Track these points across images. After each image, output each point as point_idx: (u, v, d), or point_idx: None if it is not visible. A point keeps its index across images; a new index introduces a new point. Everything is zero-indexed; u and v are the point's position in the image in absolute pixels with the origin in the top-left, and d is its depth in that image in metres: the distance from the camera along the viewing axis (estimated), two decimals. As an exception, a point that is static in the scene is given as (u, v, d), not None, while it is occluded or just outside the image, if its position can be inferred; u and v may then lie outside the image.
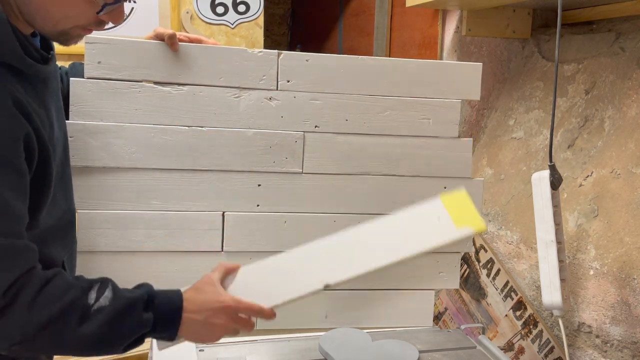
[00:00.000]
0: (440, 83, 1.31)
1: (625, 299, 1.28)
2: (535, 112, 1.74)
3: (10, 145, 0.79)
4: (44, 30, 0.89)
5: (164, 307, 0.88)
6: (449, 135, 1.33)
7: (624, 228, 1.32)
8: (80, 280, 0.87)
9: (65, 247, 1.00)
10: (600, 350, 1.34)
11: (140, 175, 1.21)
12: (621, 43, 1.54)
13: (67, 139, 1.03)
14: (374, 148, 1.30)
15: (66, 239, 1.01)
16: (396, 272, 1.35)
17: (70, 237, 1.04)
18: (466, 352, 1.29)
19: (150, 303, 0.88)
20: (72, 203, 1.04)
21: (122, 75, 1.17)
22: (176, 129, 1.21)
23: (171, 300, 0.90)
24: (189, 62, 1.19)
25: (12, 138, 0.80)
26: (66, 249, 1.01)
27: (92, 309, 0.83)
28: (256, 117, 1.24)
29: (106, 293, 0.85)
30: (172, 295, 0.90)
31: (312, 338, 1.29)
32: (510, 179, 1.73)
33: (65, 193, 0.99)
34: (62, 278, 0.84)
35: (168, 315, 0.89)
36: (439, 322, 1.91)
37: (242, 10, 2.36)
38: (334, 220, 1.30)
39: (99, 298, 0.84)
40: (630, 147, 1.40)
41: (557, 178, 1.22)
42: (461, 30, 1.86)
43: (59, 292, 0.82)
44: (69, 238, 1.03)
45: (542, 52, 1.81)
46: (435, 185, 1.33)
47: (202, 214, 1.24)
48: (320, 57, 1.25)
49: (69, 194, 1.02)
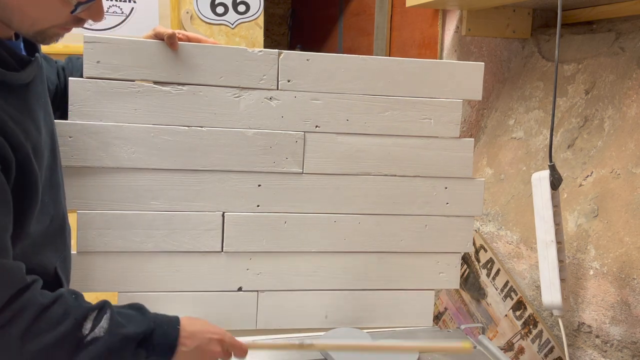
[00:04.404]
0: (442, 83, 1.30)
1: (625, 299, 1.28)
2: (535, 112, 1.74)
3: None
4: (21, 31, 0.88)
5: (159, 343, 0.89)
6: (450, 136, 1.33)
7: (624, 228, 1.32)
8: (79, 305, 0.86)
9: (57, 253, 0.98)
10: (600, 350, 1.34)
11: (139, 175, 1.20)
12: (621, 43, 1.54)
13: (56, 142, 1.00)
14: (374, 148, 1.29)
15: (57, 245, 0.99)
16: (396, 272, 1.35)
17: (61, 242, 1.00)
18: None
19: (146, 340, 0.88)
20: (63, 207, 1.01)
21: (122, 75, 1.17)
22: (176, 129, 1.21)
23: (167, 335, 0.90)
24: (189, 61, 1.19)
25: None
26: (58, 255, 0.99)
27: (85, 340, 0.83)
28: (256, 117, 1.24)
29: (102, 323, 0.85)
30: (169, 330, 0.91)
31: (312, 338, 1.29)
32: (510, 179, 1.73)
33: (54, 198, 0.96)
34: (60, 304, 0.83)
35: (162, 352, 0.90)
36: (439, 322, 1.91)
37: (242, 10, 2.36)
38: (334, 221, 1.30)
39: (94, 328, 0.84)
40: (630, 147, 1.40)
41: (557, 178, 1.22)
42: (461, 30, 1.86)
43: (54, 321, 0.81)
44: (61, 243, 1.00)
45: (542, 52, 1.81)
46: (436, 185, 1.33)
47: (202, 214, 1.24)
48: (320, 57, 1.25)
49: (58, 199, 0.99)
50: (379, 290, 1.36)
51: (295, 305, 1.32)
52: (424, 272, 1.37)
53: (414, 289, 1.37)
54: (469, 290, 1.78)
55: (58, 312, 0.82)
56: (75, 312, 0.84)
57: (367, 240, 1.32)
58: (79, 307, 0.86)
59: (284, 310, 1.32)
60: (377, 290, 1.36)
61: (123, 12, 2.19)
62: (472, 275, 1.77)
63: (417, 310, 1.39)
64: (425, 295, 1.39)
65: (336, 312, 1.34)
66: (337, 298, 1.34)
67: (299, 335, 1.31)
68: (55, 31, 0.89)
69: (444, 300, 1.90)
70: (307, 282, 1.30)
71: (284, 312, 1.32)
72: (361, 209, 1.31)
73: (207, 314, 1.28)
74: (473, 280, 1.76)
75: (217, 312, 1.29)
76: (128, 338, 0.86)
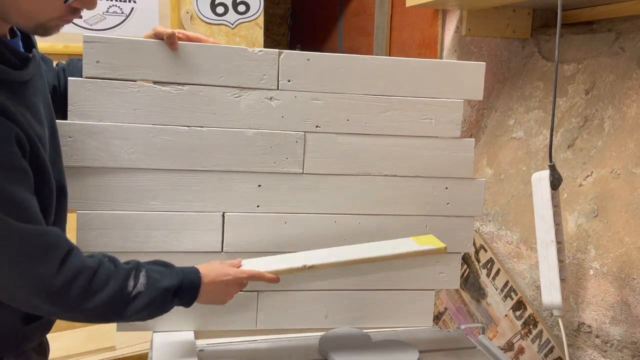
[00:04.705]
0: (443, 83, 1.30)
1: (625, 299, 1.28)
2: (535, 112, 1.74)
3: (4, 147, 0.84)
4: (20, 25, 0.91)
5: (187, 291, 1.05)
6: (450, 136, 1.32)
7: (624, 228, 1.32)
8: (118, 267, 0.98)
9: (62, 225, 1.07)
10: (600, 350, 1.34)
11: (139, 175, 1.20)
12: (621, 43, 1.54)
13: (57, 134, 1.04)
14: (375, 148, 1.29)
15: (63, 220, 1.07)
16: (396, 272, 1.35)
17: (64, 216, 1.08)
18: (466, 352, 1.29)
19: (178, 290, 1.03)
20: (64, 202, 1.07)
21: (121, 75, 1.17)
22: (176, 129, 1.20)
23: (193, 283, 1.05)
24: (189, 61, 1.19)
25: (4, 140, 0.84)
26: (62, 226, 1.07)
27: (131, 295, 0.97)
28: (256, 117, 1.23)
29: (141, 280, 0.98)
30: (193, 278, 1.06)
31: (312, 338, 1.29)
32: (510, 179, 1.73)
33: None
34: (104, 267, 0.95)
35: (190, 297, 1.06)
36: (439, 322, 1.91)
37: (242, 10, 2.36)
38: (335, 221, 1.30)
39: (135, 285, 0.98)
40: (630, 147, 1.40)
41: (557, 178, 1.22)
42: (461, 30, 1.86)
43: (103, 281, 0.94)
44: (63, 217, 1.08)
45: (542, 52, 1.81)
46: (436, 185, 1.33)
47: (202, 214, 1.24)
48: (321, 57, 1.25)
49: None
50: (379, 290, 1.36)
51: (295, 305, 1.32)
52: (423, 272, 1.37)
53: (414, 289, 1.37)
54: (469, 290, 1.78)
55: (104, 274, 0.95)
56: (118, 273, 0.96)
57: (367, 241, 1.31)
58: (119, 268, 0.98)
59: (284, 310, 1.32)
60: (377, 290, 1.36)
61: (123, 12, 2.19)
62: (472, 275, 1.77)
63: (417, 310, 1.38)
64: (425, 295, 1.39)
65: (336, 312, 1.34)
66: (337, 298, 1.34)
67: (299, 336, 1.31)
68: (55, 23, 0.91)
69: (444, 300, 1.90)
70: (307, 282, 1.30)
71: (284, 312, 1.32)
72: (361, 209, 1.31)
73: (207, 314, 1.29)
74: (473, 280, 1.76)
75: (217, 312, 1.29)
76: (166, 290, 1.01)
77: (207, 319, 1.29)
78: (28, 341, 1.03)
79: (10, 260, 0.87)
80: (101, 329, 2.16)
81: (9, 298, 0.91)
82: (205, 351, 1.23)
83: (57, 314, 0.96)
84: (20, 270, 0.87)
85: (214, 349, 1.24)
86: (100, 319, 0.98)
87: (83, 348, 1.99)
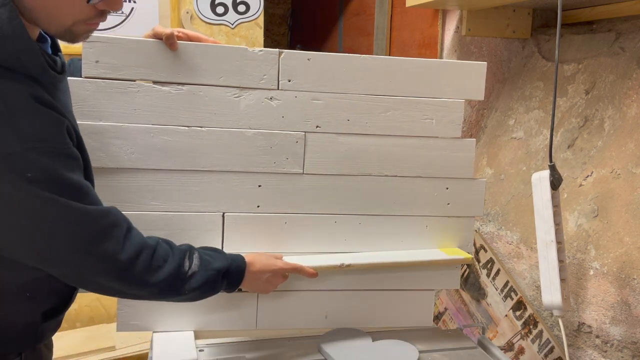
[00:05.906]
0: (444, 83, 1.30)
1: (625, 299, 1.28)
2: (535, 112, 1.74)
3: (59, 136, 0.89)
4: (50, 31, 0.92)
5: (234, 274, 1.11)
6: (451, 136, 1.32)
7: (624, 228, 1.32)
8: (175, 248, 1.04)
9: None
10: (600, 350, 1.34)
11: (139, 175, 1.20)
12: (621, 43, 1.54)
13: None
14: (375, 148, 1.29)
15: None
16: (396, 272, 1.35)
17: None
18: (466, 352, 1.29)
19: (227, 272, 1.09)
20: None
21: (121, 75, 1.17)
22: (176, 129, 1.20)
23: (239, 267, 1.12)
24: (189, 61, 1.19)
25: (59, 130, 0.89)
26: None
27: (187, 274, 1.02)
28: (256, 117, 1.23)
29: (195, 261, 1.04)
30: (240, 264, 1.12)
31: (312, 338, 1.29)
32: (510, 179, 1.73)
33: None
34: (162, 247, 1.01)
35: (236, 280, 1.12)
36: (439, 322, 1.91)
37: (242, 10, 2.36)
38: (335, 222, 1.30)
39: (190, 265, 1.03)
40: (630, 147, 1.40)
41: (557, 178, 1.22)
42: (461, 30, 1.86)
43: (162, 260, 0.99)
44: None
45: (542, 52, 1.81)
46: (437, 186, 1.33)
47: (202, 214, 1.24)
48: (321, 56, 1.24)
49: None
50: (378, 290, 1.36)
51: (295, 305, 1.32)
52: (424, 272, 1.36)
53: (414, 289, 1.37)
54: (469, 290, 1.78)
55: (163, 252, 1.00)
56: (174, 253, 1.02)
57: (367, 241, 1.31)
58: (174, 249, 1.04)
59: (284, 310, 1.32)
60: (377, 290, 1.36)
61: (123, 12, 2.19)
62: (472, 275, 1.77)
63: (417, 310, 1.38)
64: (425, 295, 1.39)
65: (336, 312, 1.34)
66: (337, 298, 1.34)
67: (299, 335, 1.31)
68: (83, 28, 0.92)
69: (444, 300, 1.90)
70: (307, 282, 1.30)
71: (284, 312, 1.32)
72: (362, 209, 1.31)
73: (207, 314, 1.28)
74: (473, 280, 1.76)
75: (218, 311, 1.28)
76: (218, 271, 1.07)
77: (207, 319, 1.29)
78: (44, 338, 1.06)
79: (77, 241, 0.90)
80: (101, 329, 2.16)
81: (73, 279, 0.95)
82: (205, 351, 1.23)
83: (120, 292, 0.99)
84: (88, 250, 0.90)
85: (214, 349, 1.24)
86: (161, 295, 1.02)
87: (83, 348, 1.99)
